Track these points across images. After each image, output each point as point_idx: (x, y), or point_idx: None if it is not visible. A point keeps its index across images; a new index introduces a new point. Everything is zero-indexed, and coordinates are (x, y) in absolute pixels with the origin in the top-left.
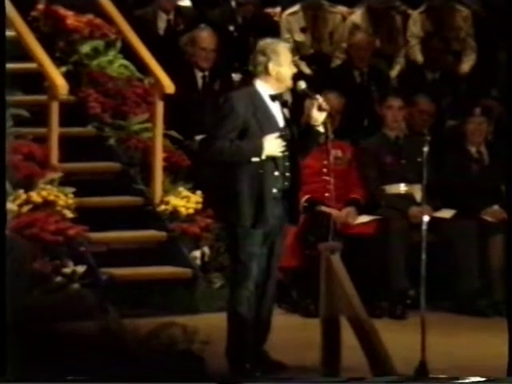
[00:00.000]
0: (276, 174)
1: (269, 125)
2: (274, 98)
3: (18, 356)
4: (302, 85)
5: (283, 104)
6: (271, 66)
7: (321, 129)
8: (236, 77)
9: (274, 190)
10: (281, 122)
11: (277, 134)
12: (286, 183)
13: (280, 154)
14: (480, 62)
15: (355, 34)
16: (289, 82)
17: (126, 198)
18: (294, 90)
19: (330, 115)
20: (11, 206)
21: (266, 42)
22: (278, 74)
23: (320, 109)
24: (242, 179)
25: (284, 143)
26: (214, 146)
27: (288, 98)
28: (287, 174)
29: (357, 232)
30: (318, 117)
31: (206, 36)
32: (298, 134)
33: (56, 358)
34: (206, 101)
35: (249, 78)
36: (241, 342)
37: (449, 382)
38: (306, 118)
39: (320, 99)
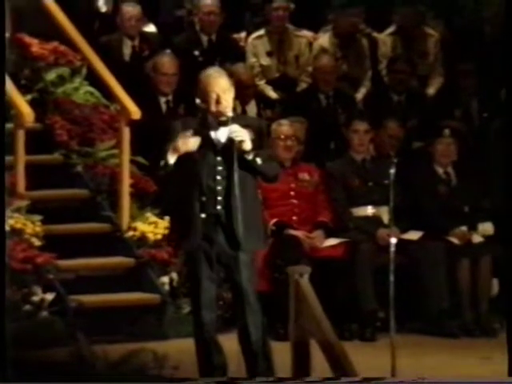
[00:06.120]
0: (203, 199)
1: (204, 148)
2: (219, 123)
3: None
4: (223, 117)
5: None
6: (196, 97)
7: (249, 156)
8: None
9: (203, 215)
10: (219, 147)
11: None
12: (219, 207)
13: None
14: (445, 83)
15: (320, 58)
16: (213, 109)
17: (94, 225)
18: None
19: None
20: None
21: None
22: (200, 103)
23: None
24: (176, 203)
25: (219, 168)
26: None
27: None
28: (219, 198)
29: (325, 255)
30: (241, 147)
31: (166, 61)
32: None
33: None
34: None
35: None
36: (206, 365)
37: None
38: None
39: (233, 131)
